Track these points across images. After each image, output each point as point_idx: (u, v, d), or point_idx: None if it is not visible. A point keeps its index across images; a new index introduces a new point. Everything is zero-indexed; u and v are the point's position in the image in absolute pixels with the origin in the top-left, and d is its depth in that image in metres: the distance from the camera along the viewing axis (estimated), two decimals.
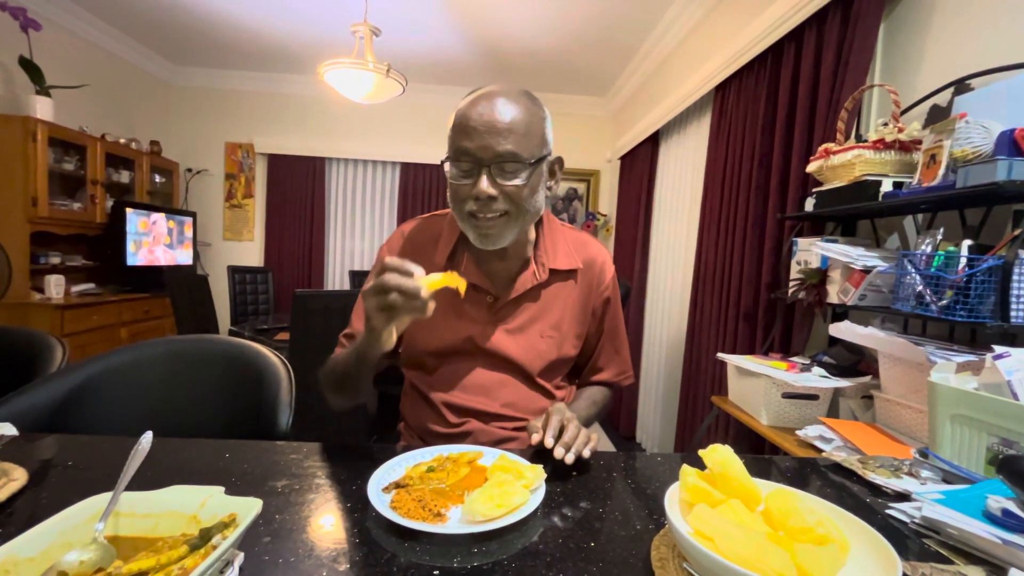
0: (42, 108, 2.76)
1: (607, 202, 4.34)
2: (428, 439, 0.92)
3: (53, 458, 0.69)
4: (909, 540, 0.56)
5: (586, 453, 0.69)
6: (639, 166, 3.35)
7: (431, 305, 0.65)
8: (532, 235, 0.90)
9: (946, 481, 0.69)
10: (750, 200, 1.86)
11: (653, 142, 3.14)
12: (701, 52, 2.51)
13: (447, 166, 0.78)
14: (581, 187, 4.43)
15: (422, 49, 3.43)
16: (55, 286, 2.84)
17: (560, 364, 0.94)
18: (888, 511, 0.62)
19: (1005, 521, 0.52)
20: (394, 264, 0.64)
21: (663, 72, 3.10)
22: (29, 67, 2.70)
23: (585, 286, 0.93)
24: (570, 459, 0.66)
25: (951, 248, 0.96)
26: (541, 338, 0.90)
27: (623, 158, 3.74)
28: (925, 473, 0.71)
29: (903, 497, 0.66)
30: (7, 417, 0.80)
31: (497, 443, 0.87)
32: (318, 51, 3.47)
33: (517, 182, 0.76)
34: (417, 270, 0.65)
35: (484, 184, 0.74)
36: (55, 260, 2.94)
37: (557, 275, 0.90)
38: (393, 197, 4.29)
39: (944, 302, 0.94)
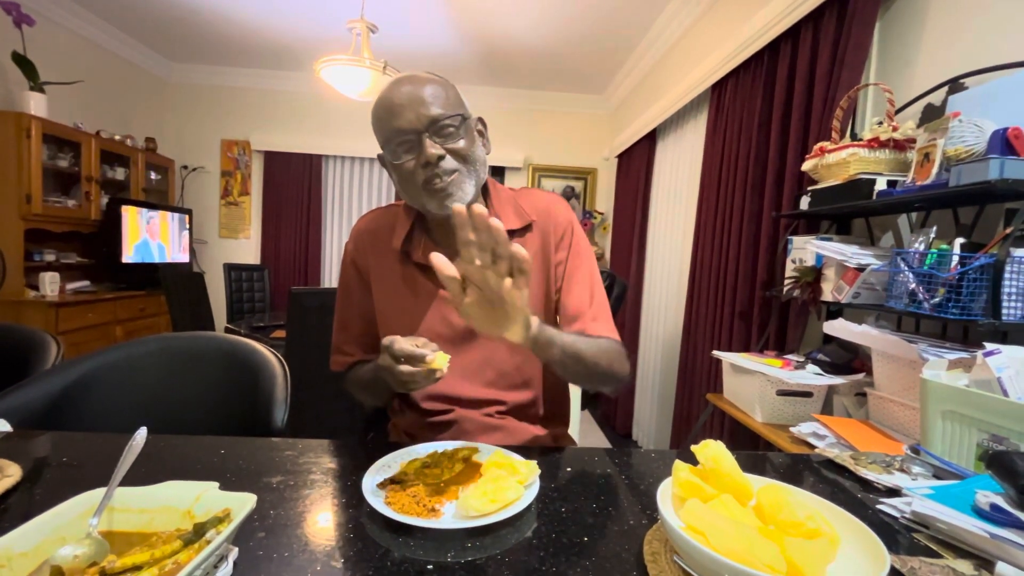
0: (36, 104, 2.74)
1: (604, 200, 4.35)
2: (415, 433, 0.91)
3: (47, 455, 0.69)
4: (899, 535, 0.56)
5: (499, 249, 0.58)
6: (636, 164, 3.35)
7: (444, 370, 0.69)
8: (479, 200, 0.88)
9: (937, 477, 0.70)
10: (746, 198, 1.87)
11: (650, 140, 3.15)
12: (698, 50, 2.51)
13: (386, 155, 0.80)
14: (578, 185, 4.43)
15: (419, 46, 3.42)
16: (50, 283, 2.83)
17: None
18: (879, 506, 0.62)
19: (993, 516, 0.52)
20: (407, 353, 0.67)
21: (660, 70, 3.10)
22: (22, 63, 2.68)
23: (541, 237, 0.90)
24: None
25: (944, 246, 0.96)
26: None
27: (620, 156, 3.75)
28: (916, 469, 0.71)
29: (894, 492, 0.66)
30: (1, 414, 0.80)
31: (484, 431, 0.86)
32: (315, 48, 3.45)
33: (459, 141, 0.78)
34: (429, 352, 0.67)
35: (429, 148, 0.75)
36: (50, 257, 2.92)
37: (512, 236, 0.87)
38: (390, 195, 4.28)
39: (936, 300, 0.95)
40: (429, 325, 0.88)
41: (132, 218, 3.34)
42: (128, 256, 3.31)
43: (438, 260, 0.58)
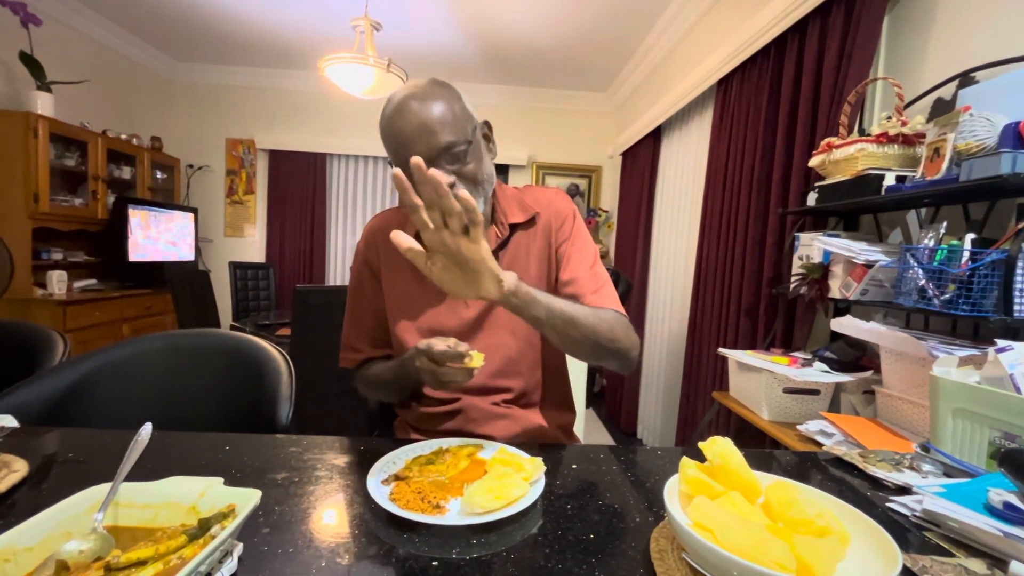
0: (43, 104, 2.75)
1: (609, 198, 4.33)
2: (421, 425, 0.92)
3: (54, 450, 0.69)
4: (910, 533, 0.56)
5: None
6: (641, 162, 3.34)
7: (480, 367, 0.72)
8: (489, 207, 0.91)
9: (947, 475, 0.69)
10: (752, 195, 1.86)
11: (655, 138, 3.13)
12: (703, 46, 2.49)
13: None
14: (583, 183, 4.41)
15: (423, 44, 3.42)
16: (57, 282, 2.85)
17: None
18: (889, 504, 0.62)
19: (1006, 514, 0.51)
20: (448, 355, 0.69)
21: (665, 67, 3.08)
22: (30, 62, 2.69)
23: (544, 227, 0.93)
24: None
25: (954, 242, 0.95)
26: None
27: (625, 154, 3.73)
28: (926, 467, 0.71)
29: (904, 491, 0.65)
30: (8, 410, 0.80)
31: (490, 419, 0.87)
32: (319, 46, 3.45)
33: (469, 163, 0.80)
34: (465, 351, 0.70)
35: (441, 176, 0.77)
36: (57, 256, 2.94)
37: (518, 228, 0.91)
38: (394, 193, 4.29)
39: (947, 296, 0.93)
40: (438, 318, 0.89)
41: (138, 216, 3.36)
42: (134, 255, 3.33)
43: (397, 236, 0.59)
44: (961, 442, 0.73)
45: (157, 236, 3.53)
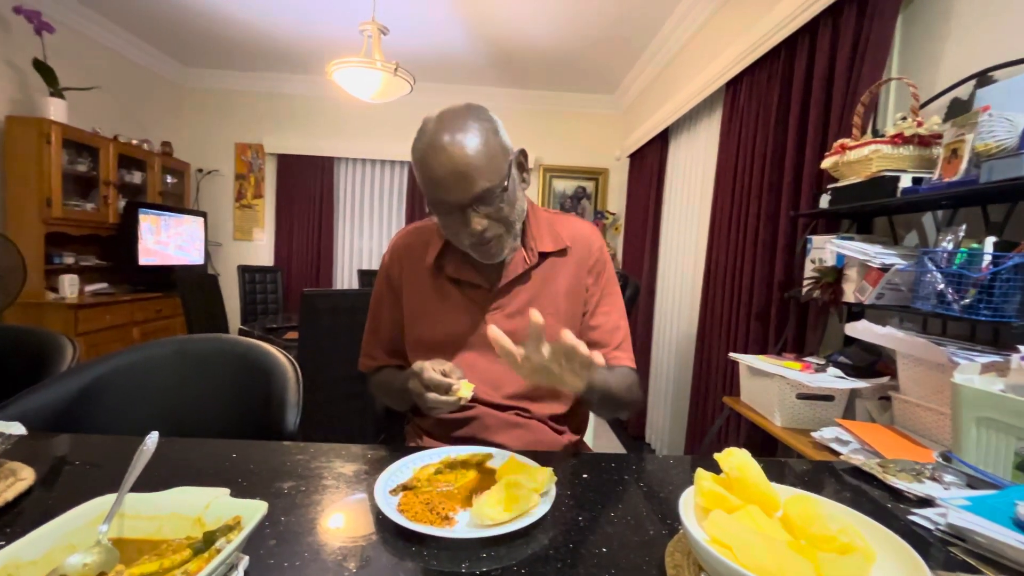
0: (56, 110, 2.78)
1: (616, 200, 4.31)
2: (435, 429, 0.91)
3: (61, 458, 0.69)
4: (933, 548, 0.54)
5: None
6: (648, 164, 3.32)
7: (468, 397, 0.73)
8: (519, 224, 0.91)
9: (970, 486, 0.67)
10: (762, 197, 1.83)
11: (663, 140, 3.11)
12: (712, 48, 2.47)
13: (428, 207, 0.81)
14: (590, 186, 4.40)
15: (430, 48, 3.42)
16: (69, 286, 2.88)
17: None
18: (911, 517, 0.60)
19: None
20: (435, 383, 0.72)
21: (673, 69, 3.07)
22: (43, 69, 2.73)
23: (576, 262, 0.93)
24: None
25: (974, 245, 0.93)
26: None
27: (632, 156, 3.71)
28: (948, 478, 0.68)
29: (926, 503, 0.63)
30: (16, 416, 0.80)
31: (505, 427, 0.87)
32: (326, 51, 3.47)
33: (502, 206, 0.78)
34: (455, 381, 0.73)
35: (473, 223, 0.77)
36: (69, 260, 2.97)
37: (547, 257, 0.91)
38: (401, 196, 4.30)
39: (967, 301, 0.91)
40: (457, 333, 0.90)
41: (149, 221, 3.39)
42: (145, 259, 3.35)
43: (494, 332, 0.63)
44: (985, 452, 0.71)
45: (167, 240, 3.56)
